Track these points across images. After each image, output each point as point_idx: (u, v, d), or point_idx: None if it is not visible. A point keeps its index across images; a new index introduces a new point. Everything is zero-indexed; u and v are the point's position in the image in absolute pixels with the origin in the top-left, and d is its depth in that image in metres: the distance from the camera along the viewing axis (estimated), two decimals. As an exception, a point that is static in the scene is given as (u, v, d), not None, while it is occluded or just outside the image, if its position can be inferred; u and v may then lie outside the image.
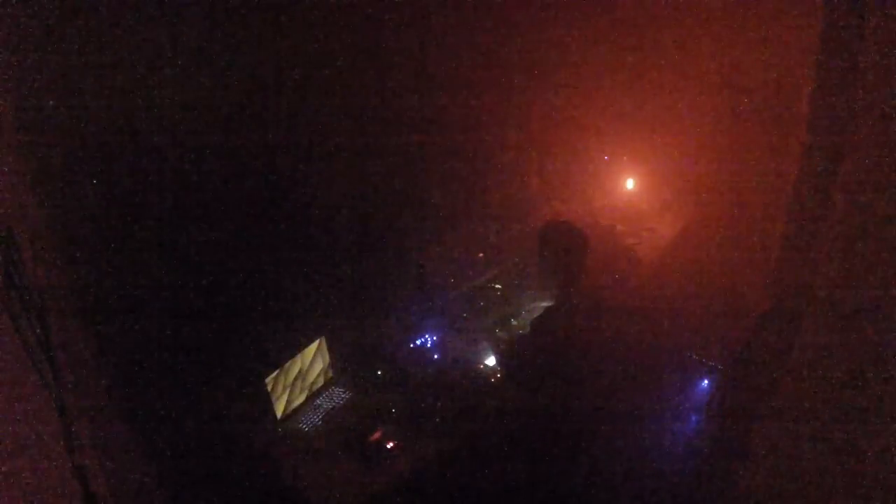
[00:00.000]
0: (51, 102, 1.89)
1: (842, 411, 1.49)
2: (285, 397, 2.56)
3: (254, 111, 2.49)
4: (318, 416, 2.61)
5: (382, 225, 3.09)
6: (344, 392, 2.74)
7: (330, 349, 2.76)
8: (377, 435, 2.43)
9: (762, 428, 1.87)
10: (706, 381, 3.29)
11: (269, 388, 2.47)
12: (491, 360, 2.79)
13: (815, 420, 1.58)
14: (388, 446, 2.40)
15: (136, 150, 2.17)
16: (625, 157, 4.03)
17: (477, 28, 3.24)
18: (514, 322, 2.99)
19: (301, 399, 2.65)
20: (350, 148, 2.86)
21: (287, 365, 2.55)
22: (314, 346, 2.69)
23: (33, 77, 1.83)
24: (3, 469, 0.99)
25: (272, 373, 2.48)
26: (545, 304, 3.02)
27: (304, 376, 2.65)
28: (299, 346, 2.62)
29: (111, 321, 2.13)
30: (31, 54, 1.81)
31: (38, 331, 1.33)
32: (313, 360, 2.69)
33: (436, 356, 2.84)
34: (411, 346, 2.88)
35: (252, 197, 2.58)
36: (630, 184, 4.04)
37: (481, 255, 3.39)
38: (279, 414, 2.53)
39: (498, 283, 3.24)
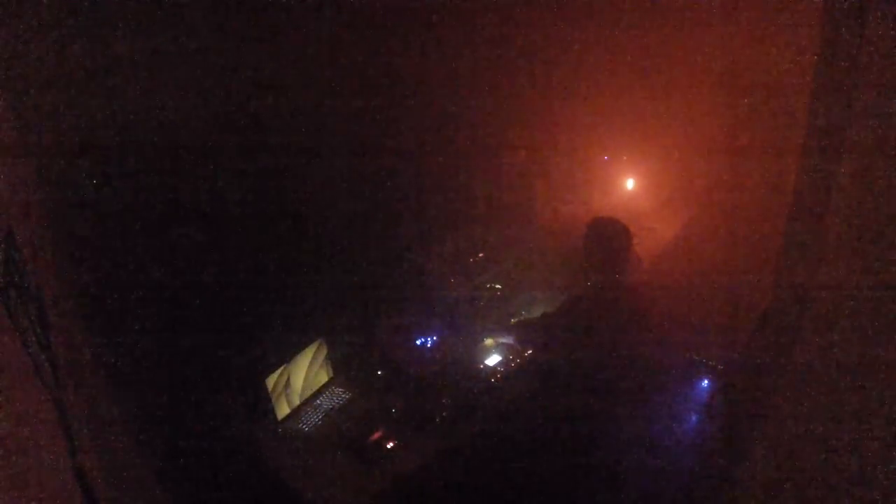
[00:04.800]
0: (51, 102, 1.89)
1: (842, 411, 1.49)
2: (285, 397, 2.56)
3: (254, 111, 2.50)
4: (318, 416, 2.62)
5: (382, 225, 3.09)
6: (344, 392, 2.74)
7: (330, 349, 2.76)
8: (377, 435, 2.43)
9: (762, 428, 1.87)
10: (706, 381, 3.29)
11: (270, 388, 2.47)
12: (491, 360, 2.79)
13: (815, 420, 1.58)
14: (388, 446, 2.40)
15: (137, 150, 2.18)
16: (625, 157, 4.03)
17: (478, 28, 3.24)
18: (514, 322, 2.99)
19: (301, 399, 2.65)
20: (351, 148, 2.86)
21: (287, 365, 2.55)
22: (314, 346, 2.69)
23: (33, 77, 1.83)
24: (3, 469, 0.99)
25: (272, 373, 2.48)
26: (544, 304, 3.03)
27: (304, 376, 2.65)
28: (299, 347, 2.62)
29: (111, 321, 2.13)
30: (31, 54, 1.81)
31: (38, 331, 1.33)
32: (313, 360, 2.69)
33: (436, 356, 2.84)
34: (411, 346, 2.88)
35: (252, 197, 2.58)
36: (630, 184, 4.04)
37: (481, 255, 3.39)
38: (279, 414, 2.53)
39: (498, 283, 3.24)
